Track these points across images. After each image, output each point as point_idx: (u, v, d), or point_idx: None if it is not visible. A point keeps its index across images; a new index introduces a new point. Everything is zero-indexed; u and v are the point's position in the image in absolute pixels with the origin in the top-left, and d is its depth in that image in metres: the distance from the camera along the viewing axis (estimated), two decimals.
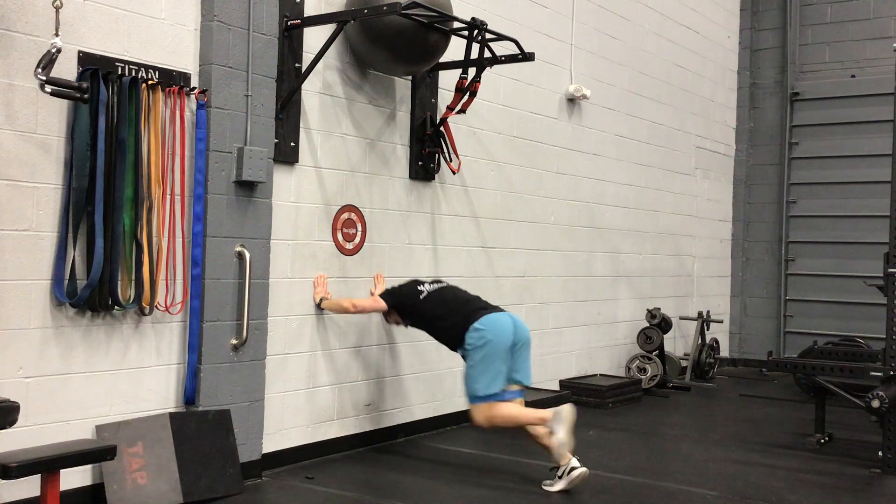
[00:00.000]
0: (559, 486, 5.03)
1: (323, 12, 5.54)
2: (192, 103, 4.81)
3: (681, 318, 9.69)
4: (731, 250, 11.17)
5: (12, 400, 3.67)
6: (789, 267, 10.83)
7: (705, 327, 9.54)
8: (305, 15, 5.43)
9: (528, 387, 5.54)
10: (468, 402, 5.28)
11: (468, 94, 5.98)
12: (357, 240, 5.91)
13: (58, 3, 4.11)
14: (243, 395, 5.03)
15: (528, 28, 7.35)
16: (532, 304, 7.55)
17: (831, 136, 10.60)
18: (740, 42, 11.17)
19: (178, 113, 4.71)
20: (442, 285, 5.55)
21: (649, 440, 6.60)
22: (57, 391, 4.30)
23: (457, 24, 5.68)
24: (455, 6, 5.88)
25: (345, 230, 5.81)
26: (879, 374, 5.83)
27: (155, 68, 4.64)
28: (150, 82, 4.56)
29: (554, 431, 4.96)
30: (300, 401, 5.52)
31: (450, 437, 6.43)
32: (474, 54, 5.78)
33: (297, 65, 5.40)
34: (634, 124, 9.02)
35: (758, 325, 11.00)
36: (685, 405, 8.14)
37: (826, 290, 10.51)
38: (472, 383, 5.20)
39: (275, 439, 5.32)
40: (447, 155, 6.40)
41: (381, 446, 6.03)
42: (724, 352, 10.69)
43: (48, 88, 4.05)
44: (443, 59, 6.02)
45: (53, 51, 4.05)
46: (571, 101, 8.01)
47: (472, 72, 5.88)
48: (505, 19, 7.00)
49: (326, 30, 5.42)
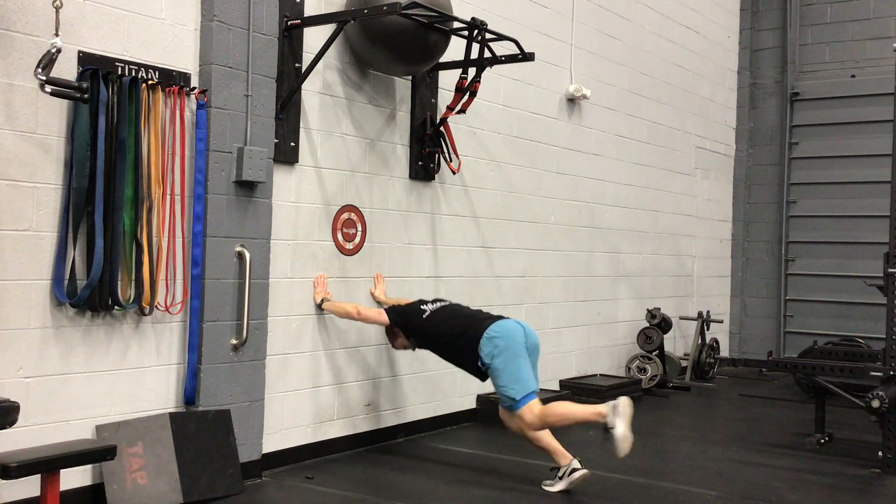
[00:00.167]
0: (559, 487, 5.04)
1: (323, 12, 5.55)
2: (192, 103, 4.81)
3: (681, 318, 9.69)
4: (731, 250, 11.16)
5: (12, 400, 3.68)
6: (789, 267, 10.83)
7: (705, 327, 9.53)
8: (305, 15, 5.43)
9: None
10: (510, 411, 5.10)
11: (468, 94, 5.98)
12: (357, 240, 5.91)
13: (58, 3, 4.11)
14: (243, 395, 5.03)
15: (528, 28, 7.35)
16: (532, 304, 7.55)
17: (831, 136, 10.59)
18: (740, 42, 11.17)
19: (178, 113, 4.71)
20: (444, 304, 5.51)
21: (649, 440, 6.59)
22: (57, 391, 4.30)
23: (457, 24, 5.68)
24: (455, 6, 5.88)
25: (345, 230, 5.81)
26: (879, 374, 5.83)
27: (155, 68, 4.64)
28: (150, 82, 4.56)
29: (614, 426, 4.82)
30: (300, 401, 5.53)
31: (450, 437, 6.43)
32: (474, 54, 5.78)
33: (297, 65, 5.40)
34: (634, 124, 9.02)
35: (758, 325, 11.00)
36: (685, 405, 8.13)
37: (826, 290, 10.50)
38: (507, 391, 5.04)
39: (275, 439, 5.32)
40: (447, 155, 6.40)
41: (381, 446, 6.03)
42: (724, 352, 10.68)
43: (48, 88, 4.05)
44: (443, 59, 6.02)
45: (53, 51, 4.05)
46: (571, 101, 8.01)
47: (472, 72, 5.87)
48: (505, 19, 7.00)
49: (326, 30, 5.42)
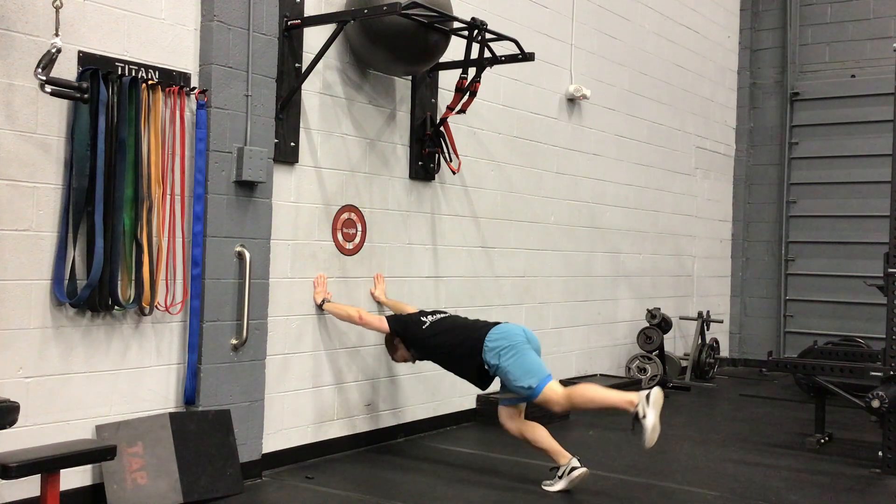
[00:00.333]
0: (559, 486, 5.04)
1: (323, 12, 5.55)
2: (192, 103, 4.81)
3: (681, 318, 9.69)
4: (731, 250, 11.16)
5: (12, 400, 3.67)
6: (789, 267, 10.83)
7: (705, 327, 9.53)
8: (305, 15, 5.43)
9: None
10: (534, 399, 5.06)
11: (468, 94, 5.98)
12: (357, 240, 5.91)
13: (58, 3, 4.11)
14: (243, 395, 5.03)
15: (528, 28, 7.35)
16: (532, 304, 7.55)
17: (831, 136, 10.59)
18: (740, 42, 11.17)
19: (178, 113, 4.71)
20: (444, 315, 5.51)
21: None
22: (57, 391, 4.30)
23: (457, 24, 5.68)
24: (455, 6, 5.88)
25: (345, 230, 5.81)
26: (879, 374, 5.83)
27: (155, 68, 4.64)
28: (150, 82, 4.56)
29: (645, 415, 4.79)
30: (300, 401, 5.53)
31: (450, 437, 6.43)
32: (474, 54, 5.78)
33: (297, 65, 5.40)
34: (634, 124, 9.02)
35: (758, 325, 11.00)
36: (685, 405, 8.13)
37: (826, 290, 10.50)
38: (522, 384, 5.01)
39: (275, 439, 5.32)
40: (447, 155, 6.40)
41: (381, 446, 6.03)
42: (724, 352, 10.68)
43: (48, 88, 4.05)
44: (443, 59, 6.02)
45: (53, 51, 4.05)
46: (571, 101, 8.01)
47: (472, 72, 5.87)
48: (505, 19, 7.00)
49: (326, 30, 5.42)
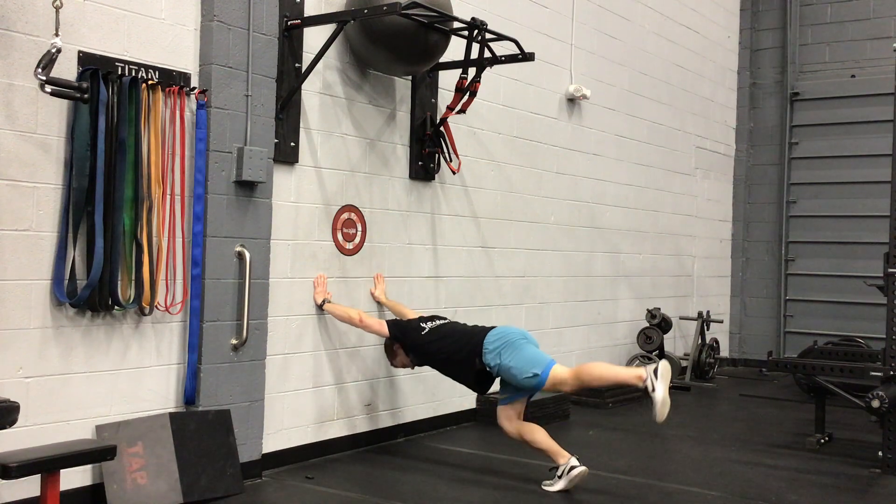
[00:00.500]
0: (559, 486, 5.04)
1: (323, 12, 5.55)
2: (192, 103, 4.81)
3: (681, 318, 9.69)
4: (731, 250, 11.17)
5: (12, 400, 3.67)
6: (789, 267, 10.83)
7: (705, 327, 9.53)
8: (305, 15, 5.43)
9: None
10: (543, 386, 5.05)
11: (468, 94, 5.98)
12: (357, 240, 5.91)
13: (58, 3, 4.11)
14: (243, 395, 5.03)
15: (528, 28, 7.35)
16: (532, 304, 7.55)
17: (831, 136, 10.59)
18: (740, 42, 11.17)
19: (178, 113, 4.71)
20: (443, 322, 5.52)
21: (649, 440, 6.60)
22: (57, 391, 4.30)
23: (457, 24, 5.68)
24: (455, 6, 5.89)
25: (345, 230, 5.81)
26: (879, 374, 5.83)
27: (155, 68, 4.64)
28: (150, 82, 4.56)
29: (654, 388, 4.81)
30: (300, 401, 5.53)
31: (450, 437, 6.43)
32: (474, 54, 5.78)
33: (297, 65, 5.40)
34: (634, 124, 9.02)
35: (758, 325, 11.00)
36: (685, 405, 8.13)
37: (826, 290, 10.50)
38: (527, 373, 5.00)
39: (275, 439, 5.32)
40: (447, 155, 6.40)
41: (381, 446, 6.03)
42: (724, 352, 10.68)
43: (48, 88, 4.05)
44: (443, 59, 6.02)
45: (53, 51, 4.05)
46: (571, 101, 8.01)
47: (472, 72, 5.87)
48: (505, 19, 7.00)
49: (326, 30, 5.42)
